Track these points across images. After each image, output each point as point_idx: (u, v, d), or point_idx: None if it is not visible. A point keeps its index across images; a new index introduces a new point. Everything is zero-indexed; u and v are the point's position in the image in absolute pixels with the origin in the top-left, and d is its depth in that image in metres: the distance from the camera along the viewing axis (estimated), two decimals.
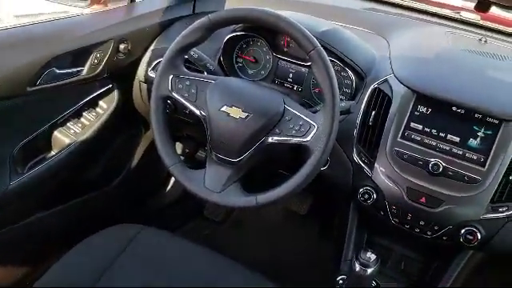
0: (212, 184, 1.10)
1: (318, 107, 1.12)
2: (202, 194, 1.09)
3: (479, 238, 1.09)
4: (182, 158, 1.99)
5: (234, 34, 1.34)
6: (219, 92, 1.09)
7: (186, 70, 1.14)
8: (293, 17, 1.05)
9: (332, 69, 1.00)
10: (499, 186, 1.07)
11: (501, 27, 1.52)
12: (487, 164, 1.08)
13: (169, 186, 2.11)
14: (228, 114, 1.05)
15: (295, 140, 1.03)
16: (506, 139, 1.07)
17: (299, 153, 1.21)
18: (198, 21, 1.08)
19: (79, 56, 1.33)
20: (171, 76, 1.12)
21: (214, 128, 1.07)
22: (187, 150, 1.96)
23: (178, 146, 1.98)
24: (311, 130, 1.02)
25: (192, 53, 1.24)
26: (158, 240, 1.24)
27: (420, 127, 1.14)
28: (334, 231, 1.46)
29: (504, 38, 1.50)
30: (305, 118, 1.04)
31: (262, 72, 1.38)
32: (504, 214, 1.08)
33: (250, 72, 1.39)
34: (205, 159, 1.14)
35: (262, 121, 1.04)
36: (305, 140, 1.02)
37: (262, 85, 1.32)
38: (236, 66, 1.40)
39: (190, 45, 1.11)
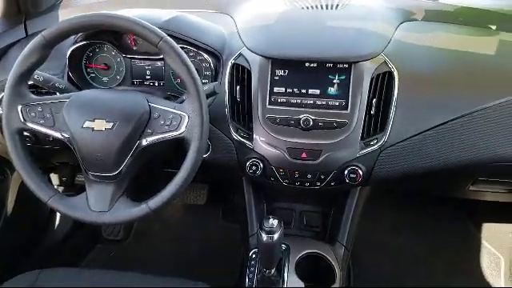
0: (98, 205, 1.04)
1: (184, 97, 1.11)
2: (90, 219, 1.04)
3: (361, 174, 1.18)
4: (62, 187, 1.87)
5: (77, 45, 1.27)
6: (76, 109, 1.03)
7: (33, 96, 1.06)
8: (132, 13, 1.02)
9: (185, 55, 1.00)
10: (364, 122, 1.17)
11: None
12: (349, 106, 1.16)
13: (57, 220, 1.97)
14: (93, 129, 1.00)
15: (170, 135, 1.02)
16: (359, 79, 1.16)
17: (179, 147, 1.20)
18: (32, 41, 1.01)
19: None
20: (19, 106, 1.04)
21: (83, 147, 1.02)
22: (64, 178, 1.85)
23: (54, 177, 1.85)
24: (183, 121, 1.01)
25: (36, 76, 1.15)
26: (59, 279, 1.16)
27: (283, 90, 1.19)
28: (237, 211, 1.48)
29: None
30: (173, 110, 1.03)
31: (118, 77, 1.33)
32: (376, 146, 1.17)
33: (105, 80, 1.34)
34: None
35: (130, 126, 1.00)
36: (179, 133, 1.01)
37: (121, 90, 1.28)
38: (88, 77, 1.33)
39: (30, 69, 1.03)
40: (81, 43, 1.27)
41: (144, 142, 1.03)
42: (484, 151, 1.18)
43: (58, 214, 1.97)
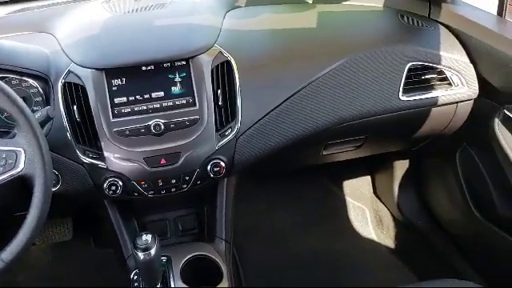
0: None
1: (15, 130, 1.00)
2: None
3: (224, 165, 1.18)
4: None
5: None
6: None
7: None
8: None
9: (3, 85, 0.90)
10: (215, 114, 1.17)
11: None
12: (197, 102, 1.16)
13: None
14: None
15: (8, 176, 0.91)
16: (200, 73, 1.16)
17: (24, 186, 1.08)
18: None
19: None
20: None
21: None
22: None
23: None
24: (19, 157, 0.91)
25: None
26: None
27: (125, 99, 1.14)
28: (108, 235, 1.39)
29: None
30: (5, 148, 0.92)
31: None
32: (231, 135, 1.18)
33: None
34: None
35: None
36: (18, 171, 0.91)
37: None
38: None
39: None
40: None
41: None
42: (328, 116, 1.26)
43: None
